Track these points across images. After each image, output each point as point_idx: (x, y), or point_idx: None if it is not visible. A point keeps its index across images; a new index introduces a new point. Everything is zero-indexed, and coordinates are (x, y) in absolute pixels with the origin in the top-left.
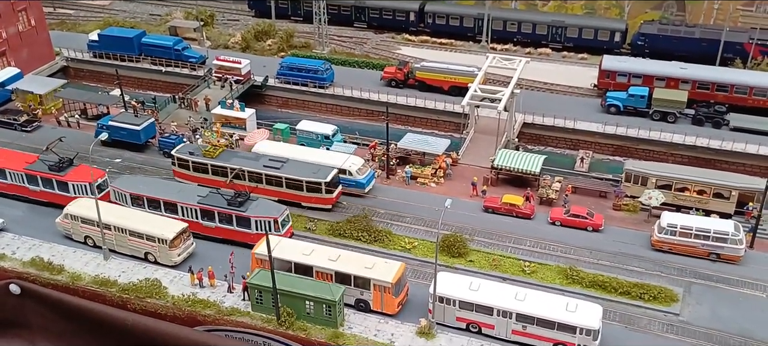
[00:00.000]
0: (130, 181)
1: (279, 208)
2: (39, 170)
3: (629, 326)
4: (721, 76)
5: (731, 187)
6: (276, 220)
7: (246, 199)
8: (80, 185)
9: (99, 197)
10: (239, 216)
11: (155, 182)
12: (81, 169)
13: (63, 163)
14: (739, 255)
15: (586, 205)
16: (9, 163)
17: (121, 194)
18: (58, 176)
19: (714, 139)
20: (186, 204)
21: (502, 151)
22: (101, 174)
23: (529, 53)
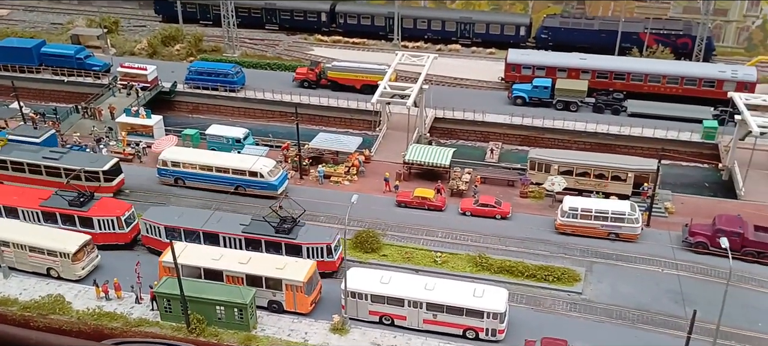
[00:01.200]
0: (162, 212)
1: (330, 232)
2: (58, 207)
3: (536, 308)
4: (618, 65)
5: (627, 169)
6: (329, 246)
7: (294, 224)
8: (106, 220)
9: (128, 232)
10: (289, 244)
11: (191, 212)
12: (104, 202)
13: (84, 197)
14: (636, 233)
15: (495, 194)
16: (22, 202)
17: (154, 227)
18: (81, 212)
19: (613, 125)
20: (229, 234)
21: (413, 146)
22: (127, 207)
23: (440, 50)
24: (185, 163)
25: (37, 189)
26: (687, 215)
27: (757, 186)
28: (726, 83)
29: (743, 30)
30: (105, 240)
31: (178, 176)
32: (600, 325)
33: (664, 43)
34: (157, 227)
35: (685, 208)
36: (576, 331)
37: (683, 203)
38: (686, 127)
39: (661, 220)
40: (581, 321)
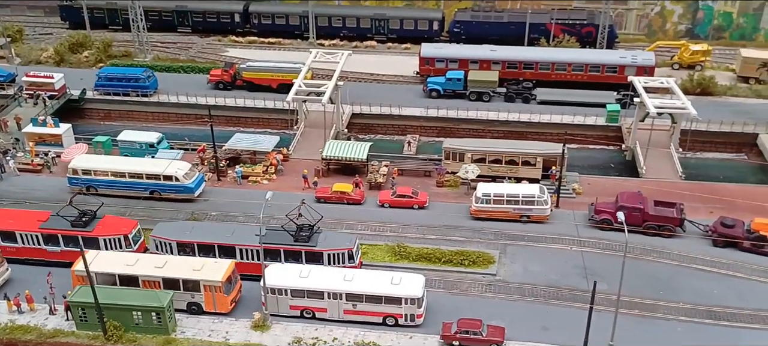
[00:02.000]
0: (172, 227)
1: (350, 238)
2: (59, 228)
3: (452, 291)
4: (526, 56)
5: (536, 154)
6: (350, 251)
7: (312, 232)
8: (112, 239)
9: (136, 249)
10: (309, 252)
11: (202, 225)
12: (108, 221)
13: (86, 216)
14: (546, 215)
15: (412, 185)
16: (19, 225)
17: (164, 243)
18: (85, 232)
19: (524, 113)
20: (245, 246)
21: (330, 142)
22: (133, 224)
23: (356, 47)
24: (97, 171)
25: (33, 211)
26: (593, 194)
27: (656, 164)
28: (627, 68)
29: (643, 17)
30: None
31: (90, 183)
32: (513, 303)
33: (570, 32)
34: (169, 243)
35: (592, 188)
36: (491, 311)
37: (590, 183)
38: (592, 112)
39: (570, 200)
40: (496, 301)
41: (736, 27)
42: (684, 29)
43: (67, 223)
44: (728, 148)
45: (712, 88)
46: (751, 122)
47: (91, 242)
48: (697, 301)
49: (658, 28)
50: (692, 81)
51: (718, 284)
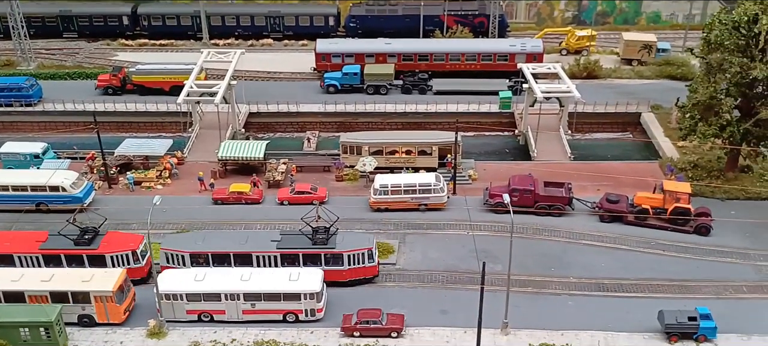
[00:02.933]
0: (182, 239)
1: (368, 237)
2: (61, 248)
3: None
4: (421, 47)
5: (431, 143)
6: (370, 250)
7: (328, 233)
8: (119, 256)
9: (144, 265)
10: (329, 254)
11: (213, 234)
12: (113, 236)
13: (89, 233)
14: (443, 202)
15: (312, 181)
16: (16, 247)
17: (176, 256)
18: (90, 250)
19: (421, 104)
20: (262, 252)
21: (225, 142)
22: (140, 239)
23: (252, 45)
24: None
25: (30, 232)
26: (489, 179)
27: (547, 146)
28: (517, 56)
29: (532, 6)
30: None
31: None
32: (413, 290)
33: (463, 23)
34: (180, 256)
35: (487, 173)
36: (391, 299)
37: (485, 169)
38: (486, 100)
39: (466, 187)
40: (396, 290)
41: (620, 12)
42: (571, 16)
43: (70, 242)
44: (614, 127)
45: (598, 71)
46: (634, 102)
47: (98, 259)
48: (586, 275)
49: (546, 15)
50: (579, 65)
51: (606, 257)
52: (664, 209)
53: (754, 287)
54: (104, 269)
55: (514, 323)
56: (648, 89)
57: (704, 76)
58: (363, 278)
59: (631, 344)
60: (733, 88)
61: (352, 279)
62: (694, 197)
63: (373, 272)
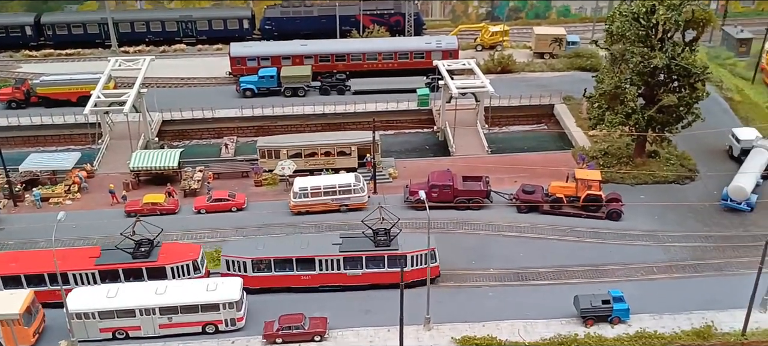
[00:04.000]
0: (242, 246)
1: (425, 238)
2: (118, 262)
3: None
4: (337, 48)
5: (350, 144)
6: (433, 251)
7: (388, 235)
8: (180, 266)
9: (204, 275)
10: (391, 256)
11: (271, 240)
12: (170, 247)
13: (144, 245)
14: (364, 202)
15: (230, 187)
16: (71, 264)
17: (237, 262)
18: (149, 263)
19: (339, 104)
20: (325, 256)
21: (136, 153)
22: (197, 248)
23: (164, 51)
24: None
25: (80, 248)
26: (409, 177)
27: (465, 141)
28: (433, 53)
29: (447, 4)
30: None
31: None
32: (336, 293)
33: (379, 22)
34: (241, 262)
35: (408, 171)
36: (314, 303)
37: (405, 166)
38: (404, 98)
39: (387, 185)
40: (318, 294)
41: (531, 7)
42: (485, 12)
43: (128, 255)
44: (529, 120)
45: (512, 65)
46: (547, 94)
47: (158, 272)
48: (506, 265)
49: (461, 12)
50: (493, 61)
51: (524, 247)
52: (577, 197)
53: (664, 267)
54: (10, 290)
55: (437, 318)
56: (560, 81)
57: (609, 67)
58: (423, 279)
59: (550, 330)
60: (635, 77)
61: (415, 280)
62: (605, 184)
63: (435, 272)
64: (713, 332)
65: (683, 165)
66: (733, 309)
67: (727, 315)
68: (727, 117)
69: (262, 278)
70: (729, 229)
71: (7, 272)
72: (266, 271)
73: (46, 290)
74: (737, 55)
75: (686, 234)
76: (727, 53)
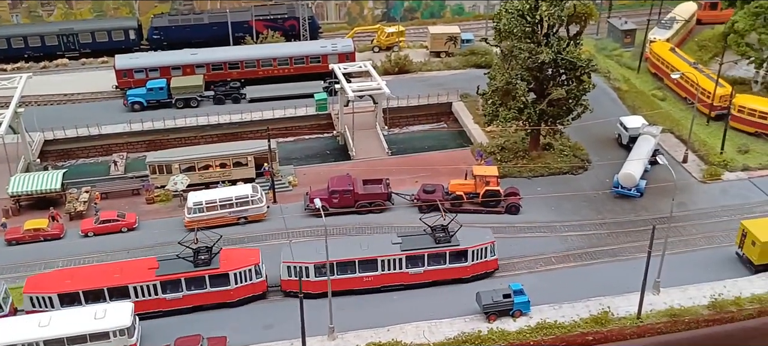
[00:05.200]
0: (302, 250)
1: (486, 232)
2: (180, 272)
3: None
4: (230, 55)
5: (246, 153)
6: (492, 244)
7: (451, 232)
8: (243, 272)
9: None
10: (454, 252)
11: (332, 242)
12: (230, 254)
13: (203, 253)
14: (263, 213)
15: (120, 207)
16: (131, 277)
17: (300, 268)
18: (212, 270)
19: (235, 113)
20: (387, 256)
21: (15, 176)
22: (256, 252)
23: (45, 67)
24: None
25: (135, 260)
26: (309, 184)
27: (365, 144)
28: (330, 57)
29: (342, 6)
30: (242, 295)
31: None
32: (235, 310)
33: (273, 27)
34: (304, 267)
35: (308, 178)
36: (212, 322)
37: (305, 173)
38: (302, 103)
39: (287, 194)
40: (216, 312)
41: (426, 6)
42: (380, 14)
43: (189, 264)
44: (429, 119)
45: (409, 66)
46: (444, 93)
47: (221, 279)
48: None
49: (357, 14)
50: (390, 61)
51: None
52: (477, 193)
53: (562, 257)
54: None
55: (341, 327)
56: (457, 79)
57: (500, 64)
58: (484, 273)
59: (454, 329)
60: (525, 73)
61: (475, 275)
62: (503, 178)
63: (494, 265)
64: (610, 318)
65: (576, 155)
66: (628, 293)
67: (623, 299)
68: (616, 106)
69: (324, 283)
70: (621, 215)
71: (64, 290)
72: (331, 275)
73: None
74: (623, 46)
75: (582, 223)
76: (613, 45)
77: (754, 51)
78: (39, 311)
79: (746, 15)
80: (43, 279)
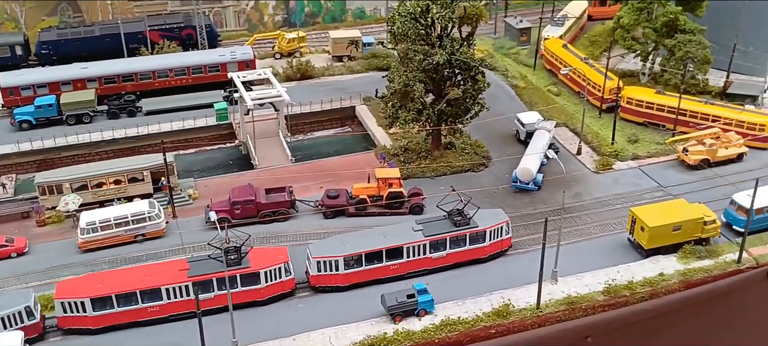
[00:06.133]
0: (328, 246)
1: (498, 212)
2: (212, 271)
3: None
4: (123, 68)
5: (142, 169)
6: (508, 223)
7: (467, 215)
8: (273, 270)
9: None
10: (473, 233)
11: (349, 237)
12: (257, 253)
13: (231, 253)
14: (161, 229)
15: (9, 231)
16: (162, 279)
17: (330, 262)
18: (243, 269)
19: (131, 127)
20: (413, 243)
21: None
22: (284, 251)
23: None
24: None
25: (165, 262)
26: (211, 196)
27: (268, 153)
28: (229, 65)
29: (241, 13)
30: (272, 293)
31: None
32: (126, 332)
33: (170, 37)
34: (333, 262)
35: (210, 190)
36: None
37: (207, 185)
38: (202, 114)
39: (188, 208)
40: (112, 334)
41: (327, 11)
42: (281, 19)
43: (220, 264)
44: (333, 123)
45: (311, 71)
46: (347, 97)
47: (252, 278)
48: None
49: (257, 21)
50: (292, 67)
51: None
52: (381, 196)
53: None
54: None
55: (245, 339)
56: (360, 83)
57: (398, 66)
58: (500, 252)
59: (360, 333)
60: (421, 75)
61: (492, 254)
62: (407, 179)
63: (508, 243)
64: (511, 310)
65: (477, 153)
66: (528, 285)
67: (523, 291)
68: (514, 103)
69: (351, 275)
70: (520, 209)
71: (97, 294)
72: (356, 266)
73: (134, 309)
74: (519, 44)
75: None
76: (510, 43)
77: (640, 44)
78: (72, 316)
79: (631, 10)
80: (74, 284)
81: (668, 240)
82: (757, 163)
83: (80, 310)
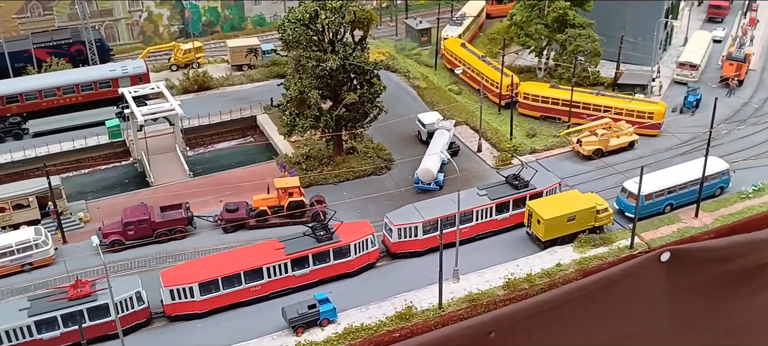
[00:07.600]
0: (407, 213)
1: (553, 174)
2: (307, 248)
3: None
4: (5, 89)
5: (27, 194)
6: (560, 184)
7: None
8: (362, 242)
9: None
10: (533, 194)
11: (421, 206)
12: (345, 227)
13: (319, 229)
14: (50, 256)
15: None
16: (262, 259)
17: (410, 228)
18: (334, 244)
19: (17, 151)
20: (481, 206)
21: None
22: (367, 223)
23: None
24: None
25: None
26: (103, 218)
27: (165, 169)
28: (121, 80)
29: (134, 25)
30: (360, 264)
31: None
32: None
33: (58, 54)
34: (414, 228)
35: (102, 212)
36: None
37: (99, 207)
38: (94, 132)
39: (79, 232)
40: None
41: (225, 20)
42: (177, 30)
43: (313, 240)
44: (235, 134)
45: (209, 82)
46: (248, 106)
47: (343, 252)
48: None
49: (152, 32)
50: (189, 79)
51: None
52: (281, 206)
53: None
54: None
55: None
56: (261, 91)
57: (293, 73)
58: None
59: None
60: (315, 81)
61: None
62: (310, 187)
63: None
64: (414, 312)
65: (380, 156)
66: (430, 285)
67: (426, 292)
68: (416, 104)
69: (427, 240)
70: None
71: (204, 279)
72: (432, 232)
73: (238, 290)
74: (420, 45)
75: None
76: (411, 44)
77: (534, 40)
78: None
79: (523, 7)
80: (179, 271)
81: (564, 231)
82: (647, 150)
83: (188, 296)
